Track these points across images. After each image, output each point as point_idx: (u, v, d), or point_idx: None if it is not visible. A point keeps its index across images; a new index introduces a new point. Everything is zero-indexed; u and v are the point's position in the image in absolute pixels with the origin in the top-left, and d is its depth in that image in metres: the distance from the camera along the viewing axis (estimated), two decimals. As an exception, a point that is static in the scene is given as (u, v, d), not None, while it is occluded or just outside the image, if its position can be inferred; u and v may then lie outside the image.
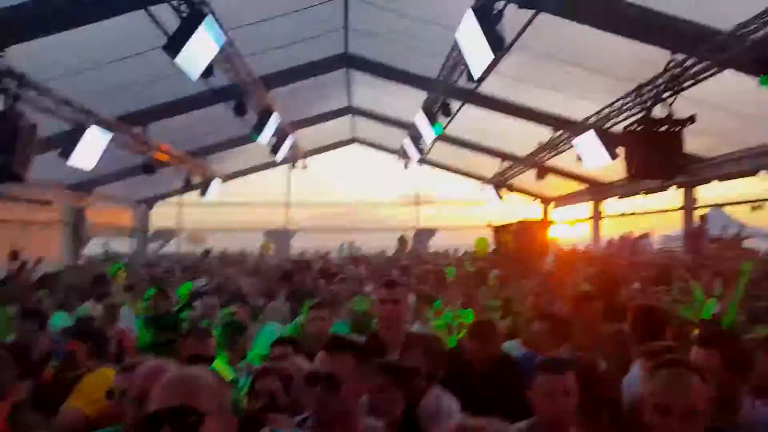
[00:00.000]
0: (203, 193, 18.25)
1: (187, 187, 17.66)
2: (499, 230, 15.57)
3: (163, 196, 21.23)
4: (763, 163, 10.15)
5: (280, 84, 12.06)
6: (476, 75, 7.30)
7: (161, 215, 22.10)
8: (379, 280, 7.39)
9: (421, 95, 11.98)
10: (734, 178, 11.24)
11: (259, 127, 11.87)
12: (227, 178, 20.27)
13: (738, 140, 10.36)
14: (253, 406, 2.91)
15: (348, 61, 12.57)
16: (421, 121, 11.98)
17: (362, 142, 21.78)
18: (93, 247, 17.67)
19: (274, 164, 20.40)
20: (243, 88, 10.81)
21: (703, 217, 13.15)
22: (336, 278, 9.01)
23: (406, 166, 19.89)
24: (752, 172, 10.49)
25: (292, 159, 20.22)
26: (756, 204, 13.46)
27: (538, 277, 7.13)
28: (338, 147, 21.95)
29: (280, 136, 14.46)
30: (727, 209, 17.41)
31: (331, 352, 2.23)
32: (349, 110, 17.35)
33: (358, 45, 11.79)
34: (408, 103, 13.18)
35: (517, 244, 13.86)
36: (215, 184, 18.50)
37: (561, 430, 2.60)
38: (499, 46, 6.55)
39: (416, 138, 14.30)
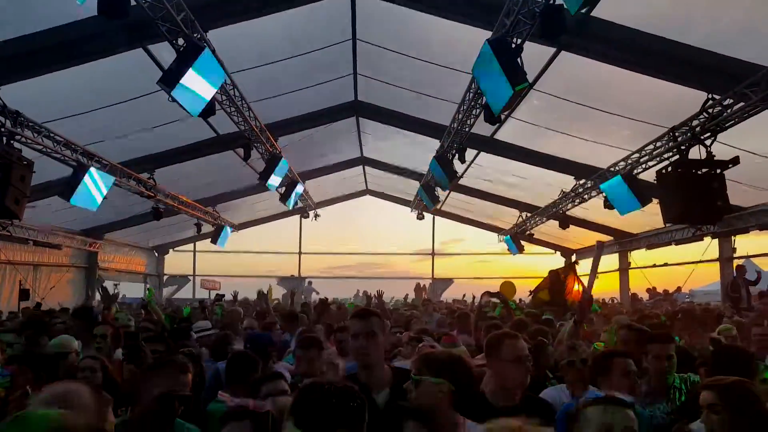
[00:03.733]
0: (214, 240, 18.09)
1: (199, 234, 17.71)
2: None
3: (176, 244, 21.44)
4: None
5: (288, 131, 11.62)
6: (496, 112, 6.69)
7: (175, 262, 22.52)
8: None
9: (434, 143, 11.43)
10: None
11: (267, 173, 11.37)
12: (239, 227, 20.11)
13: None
14: None
15: (359, 110, 12.11)
16: (435, 170, 11.36)
17: (375, 193, 21.29)
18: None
19: (285, 214, 20.10)
20: (249, 135, 10.37)
21: (740, 267, 12.15)
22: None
23: (419, 217, 19.24)
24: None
25: (303, 209, 19.77)
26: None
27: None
28: (351, 198, 21.49)
29: (290, 184, 13.98)
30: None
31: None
32: (361, 161, 16.89)
33: (367, 92, 11.33)
34: (421, 152, 12.65)
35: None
36: (227, 233, 18.30)
37: None
38: (520, 79, 5.96)
39: (430, 188, 13.67)
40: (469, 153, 11.00)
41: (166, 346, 4.96)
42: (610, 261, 17.76)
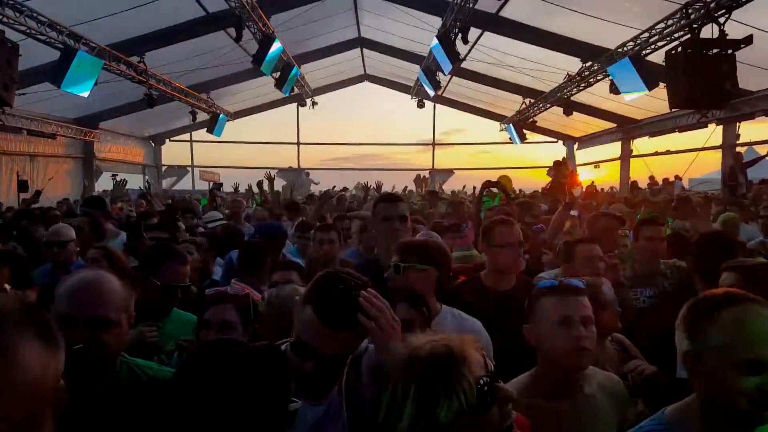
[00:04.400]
0: (210, 129, 17.79)
1: (194, 123, 17.28)
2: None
3: (172, 133, 21.10)
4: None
5: (281, 8, 11.00)
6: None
7: (172, 153, 22.19)
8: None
9: (436, 22, 10.87)
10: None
11: (260, 56, 10.93)
12: (235, 115, 19.73)
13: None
14: (205, 337, 2.36)
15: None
16: (437, 51, 10.90)
17: (374, 79, 20.65)
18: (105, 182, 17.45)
19: (281, 102, 19.67)
20: (240, 12, 9.85)
21: (737, 155, 11.99)
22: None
23: (420, 105, 18.83)
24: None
25: (299, 96, 19.29)
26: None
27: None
28: (348, 85, 20.90)
29: (285, 68, 13.51)
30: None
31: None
32: (359, 42, 16.18)
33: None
34: (422, 32, 12.07)
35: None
36: (223, 121, 17.97)
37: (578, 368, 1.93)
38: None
39: (431, 72, 13.22)
40: (473, 33, 10.53)
41: (170, 234, 4.99)
42: (612, 150, 17.63)
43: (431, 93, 15.51)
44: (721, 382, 1.42)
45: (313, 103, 20.05)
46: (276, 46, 11.13)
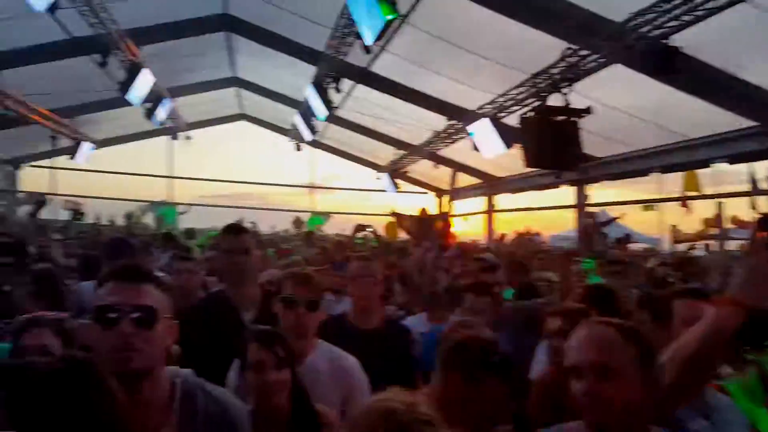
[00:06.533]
0: (73, 155, 16.26)
1: (56, 149, 15.75)
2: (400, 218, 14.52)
3: (30, 158, 19.08)
4: (653, 165, 10.26)
5: (151, 40, 10.64)
6: (368, 41, 6.57)
7: (32, 178, 19.84)
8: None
9: (311, 70, 11.07)
10: (626, 177, 11.21)
11: (127, 84, 10.41)
12: (101, 143, 18.30)
13: (630, 141, 10.39)
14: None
15: (229, 24, 11.34)
16: (312, 98, 11.06)
17: (251, 119, 20.43)
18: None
19: (152, 133, 18.72)
20: (107, 40, 9.38)
21: (592, 215, 13.14)
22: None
23: (298, 148, 18.85)
24: (643, 173, 10.58)
25: (173, 129, 18.49)
26: (647, 204, 13.75)
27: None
28: (225, 122, 20.45)
29: (155, 99, 12.95)
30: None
31: None
32: (234, 81, 15.99)
33: (239, 6, 10.66)
34: (298, 78, 12.22)
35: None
36: (86, 148, 16.55)
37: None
38: (390, 8, 5.82)
39: (307, 117, 13.34)
40: (347, 84, 10.83)
41: (17, 259, 4.58)
42: (478, 204, 18.70)
43: (308, 138, 15.59)
44: None
45: (187, 138, 19.29)
46: (145, 75, 10.67)
